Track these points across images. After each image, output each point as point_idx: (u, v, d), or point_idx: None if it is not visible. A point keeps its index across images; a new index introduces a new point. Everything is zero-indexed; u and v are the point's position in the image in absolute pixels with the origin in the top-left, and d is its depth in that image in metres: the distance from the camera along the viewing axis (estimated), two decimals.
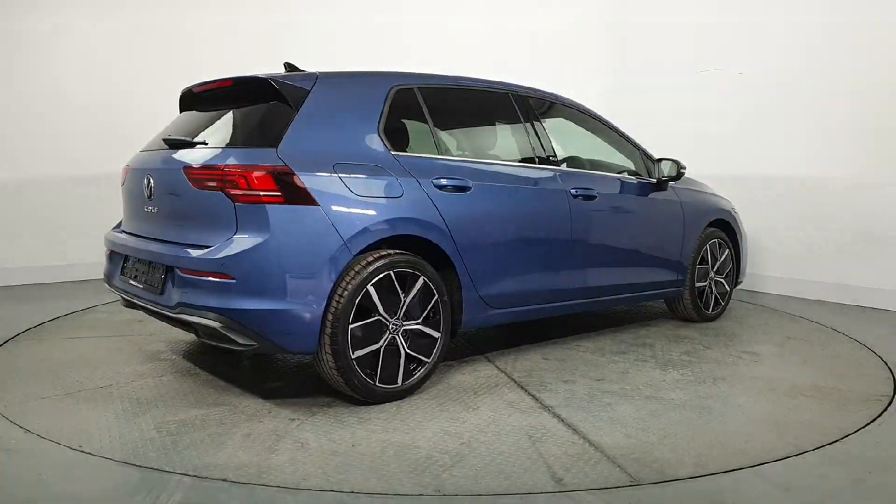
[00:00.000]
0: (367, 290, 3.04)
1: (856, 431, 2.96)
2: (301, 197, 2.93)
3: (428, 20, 7.02)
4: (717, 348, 4.27)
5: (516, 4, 7.18)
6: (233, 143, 3.22)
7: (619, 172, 4.46)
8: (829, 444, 2.83)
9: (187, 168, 3.09)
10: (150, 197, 3.35)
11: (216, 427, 2.89)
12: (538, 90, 4.26)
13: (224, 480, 2.41)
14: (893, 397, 3.40)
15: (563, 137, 4.58)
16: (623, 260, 4.35)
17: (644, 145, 4.67)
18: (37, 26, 6.19)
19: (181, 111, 3.82)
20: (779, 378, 3.67)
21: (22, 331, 4.50)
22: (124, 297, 3.57)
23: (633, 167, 4.55)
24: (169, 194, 3.25)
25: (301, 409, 3.12)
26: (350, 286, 3.00)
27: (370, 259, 3.08)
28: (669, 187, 4.62)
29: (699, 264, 4.82)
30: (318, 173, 3.00)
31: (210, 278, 2.89)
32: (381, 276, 3.08)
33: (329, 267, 2.95)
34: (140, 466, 2.53)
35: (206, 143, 3.27)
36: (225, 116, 3.46)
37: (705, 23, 6.44)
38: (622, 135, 4.56)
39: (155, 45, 6.52)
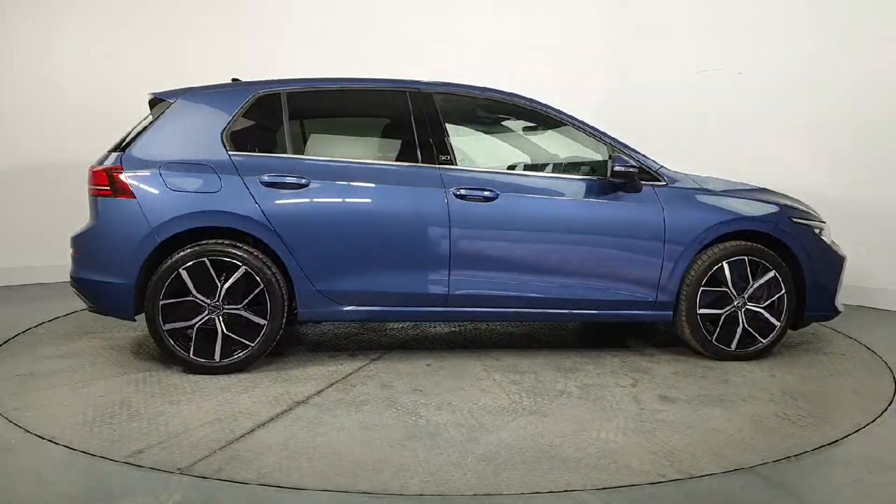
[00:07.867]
0: (179, 273, 3.51)
1: (856, 431, 2.96)
2: (124, 191, 3.56)
3: (426, 24, 7.00)
4: (641, 386, 3.50)
5: (515, 8, 7.15)
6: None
7: (588, 173, 3.99)
8: (829, 444, 2.83)
9: None
10: None
11: (55, 369, 3.67)
12: (489, 89, 4.00)
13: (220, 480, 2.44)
14: (893, 397, 3.41)
15: (543, 138, 4.42)
16: (541, 269, 3.84)
17: (643, 148, 4.19)
18: (35, 25, 6.18)
19: None
20: (606, 434, 2.91)
21: (22, 331, 4.50)
22: None
23: (608, 166, 3.88)
24: None
25: (142, 371, 3.65)
26: (162, 267, 3.52)
27: (185, 246, 3.55)
28: (648, 188, 3.90)
29: (707, 286, 3.90)
30: (142, 172, 3.58)
31: (72, 253, 3.76)
32: (193, 261, 3.53)
33: (138, 249, 3.52)
34: (140, 466, 2.54)
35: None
36: None
37: (705, 23, 6.43)
38: (591, 133, 4.00)
39: (155, 46, 6.50)
